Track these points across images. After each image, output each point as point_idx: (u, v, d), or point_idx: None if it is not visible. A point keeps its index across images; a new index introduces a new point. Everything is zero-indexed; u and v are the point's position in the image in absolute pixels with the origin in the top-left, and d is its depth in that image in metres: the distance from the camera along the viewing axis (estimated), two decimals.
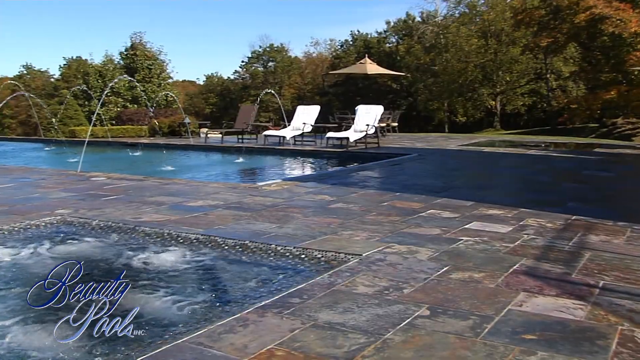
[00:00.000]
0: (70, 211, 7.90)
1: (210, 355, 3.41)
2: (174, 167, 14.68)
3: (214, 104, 68.83)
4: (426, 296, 4.35)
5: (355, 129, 17.85)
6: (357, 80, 51.40)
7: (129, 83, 31.72)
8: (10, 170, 13.38)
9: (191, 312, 4.49)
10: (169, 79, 37.06)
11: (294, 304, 4.20)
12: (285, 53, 67.80)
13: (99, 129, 25.04)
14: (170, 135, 24.25)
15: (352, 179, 11.17)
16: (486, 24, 46.91)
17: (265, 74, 66.93)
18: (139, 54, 34.29)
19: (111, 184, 10.45)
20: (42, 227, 7.25)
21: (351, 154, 16.32)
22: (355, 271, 5.00)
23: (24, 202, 8.74)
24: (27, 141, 28.36)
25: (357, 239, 6.16)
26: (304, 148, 18.21)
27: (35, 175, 12.02)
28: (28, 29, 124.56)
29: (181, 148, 20.41)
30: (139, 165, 16.67)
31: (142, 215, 7.52)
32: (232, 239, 6.18)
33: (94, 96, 29.32)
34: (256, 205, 8.17)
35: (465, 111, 50.04)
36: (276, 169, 15.52)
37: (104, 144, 22.54)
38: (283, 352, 3.42)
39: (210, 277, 5.40)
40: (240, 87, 67.88)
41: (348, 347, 3.47)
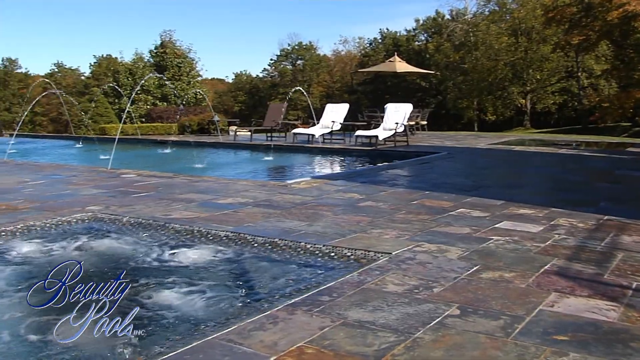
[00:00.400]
0: (101, 208, 7.97)
1: (240, 352, 3.42)
2: (204, 165, 14.75)
3: (242, 102, 69.06)
4: (456, 295, 4.33)
5: (384, 127, 17.81)
6: (385, 79, 51.31)
7: (159, 81, 31.90)
8: (41, 167, 13.52)
9: (221, 309, 4.50)
10: (198, 77, 37.25)
11: (324, 302, 4.20)
12: (314, 51, 67.86)
13: (128, 127, 25.23)
14: (200, 133, 24.37)
15: (381, 177, 11.16)
16: (516, 22, 46.53)
17: (293, 72, 67.03)
18: (169, 52, 34.48)
19: (141, 181, 10.53)
20: (74, 223, 7.32)
21: (380, 152, 16.29)
22: (385, 269, 4.99)
23: (55, 198, 8.83)
24: (58, 138, 28.65)
25: (386, 237, 6.15)
26: (332, 146, 18.21)
27: (66, 172, 12.15)
28: (59, 27, 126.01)
29: (210, 146, 20.51)
30: (168, 163, 16.78)
31: (172, 212, 7.56)
32: (261, 237, 6.20)
33: (124, 94, 29.53)
34: (285, 203, 8.19)
35: (494, 110, 49.70)
36: (305, 167, 15.54)
37: (133, 142, 22.70)
38: (313, 349, 3.42)
39: (239, 274, 5.42)
40: (269, 85, 68.05)
41: (378, 346, 3.47)
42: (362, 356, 3.33)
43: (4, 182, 10.67)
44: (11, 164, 14.24)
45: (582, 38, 37.37)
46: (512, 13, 48.03)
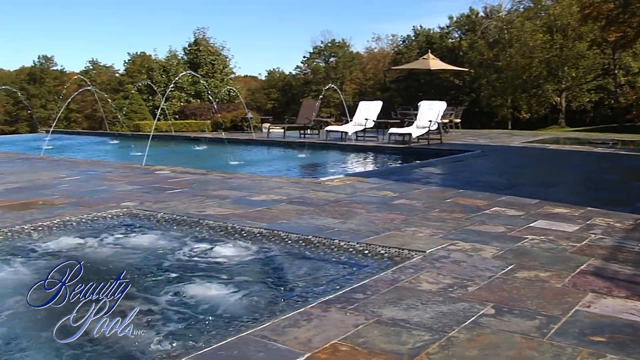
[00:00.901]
0: (135, 204, 8.04)
1: (274, 348, 3.43)
2: (237, 162, 14.81)
3: (275, 99, 69.21)
4: (491, 294, 4.30)
5: (417, 125, 17.75)
6: (419, 76, 51.14)
7: (192, 78, 32.09)
8: (77, 163, 13.68)
9: (255, 305, 4.52)
10: (232, 74, 37.39)
11: (358, 300, 4.20)
12: (347, 48, 67.77)
13: (162, 123, 25.40)
14: (233, 130, 24.45)
15: (414, 175, 11.12)
16: (552, 19, 46.05)
17: (326, 69, 67.01)
18: (202, 49, 34.64)
19: (175, 178, 10.60)
20: (109, 218, 7.40)
21: (413, 150, 16.23)
22: (419, 268, 4.97)
23: (90, 194, 8.93)
24: (92, 135, 28.96)
25: (420, 235, 6.13)
26: (366, 144, 18.20)
27: (101, 168, 12.27)
28: (94, 25, 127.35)
29: (243, 143, 20.59)
30: (202, 160, 16.87)
31: (206, 209, 7.61)
32: (295, 234, 6.21)
33: (158, 91, 29.72)
34: (319, 200, 8.20)
35: (529, 107, 49.25)
36: (338, 164, 15.54)
37: (167, 138, 22.87)
38: (347, 347, 3.43)
39: (273, 270, 5.44)
40: (301, 82, 68.12)
41: (412, 344, 3.46)
42: (397, 354, 3.33)
43: (40, 178, 10.81)
44: (47, 160, 14.42)
45: (620, 35, 36.87)
46: (547, 10, 47.54)
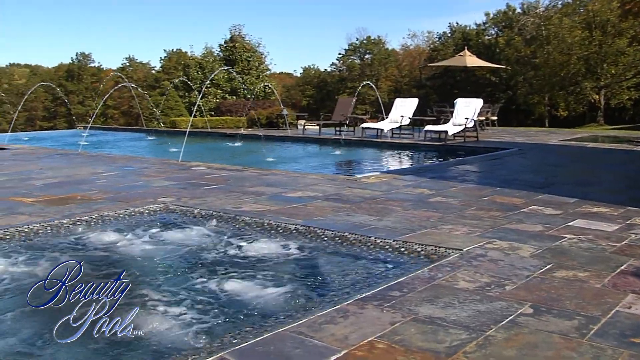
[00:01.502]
0: (172, 199, 8.11)
1: (311, 345, 3.44)
2: (273, 158, 14.85)
3: (310, 95, 69.22)
4: (529, 294, 4.27)
5: (453, 123, 17.63)
6: (455, 73, 50.73)
7: (228, 75, 32.21)
8: (114, 158, 13.82)
9: (291, 301, 4.53)
10: (267, 70, 37.45)
11: (395, 297, 4.19)
12: (382, 45, 67.53)
13: (198, 120, 25.54)
14: (268, 126, 24.51)
15: (450, 172, 11.06)
16: (591, 15, 45.38)
17: (362, 66, 66.86)
18: (238, 46, 34.74)
19: (211, 174, 10.66)
20: (146, 214, 7.47)
21: (449, 147, 16.14)
22: (455, 266, 4.95)
23: (128, 189, 9.02)
24: (129, 131, 29.23)
25: (457, 233, 6.10)
26: (401, 141, 18.13)
27: (138, 164, 12.39)
28: (131, 22, 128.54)
29: (279, 139, 20.63)
30: (237, 156, 16.95)
31: (242, 205, 7.64)
32: (331, 230, 6.21)
33: (194, 87, 29.89)
34: (355, 197, 8.19)
35: (566, 105, 48.59)
36: (374, 161, 15.51)
37: (203, 135, 22.98)
38: (384, 344, 3.42)
39: (309, 267, 5.45)
40: (336, 79, 68.02)
41: (449, 343, 3.44)
42: (434, 352, 3.31)
43: (78, 173, 10.94)
44: (85, 155, 14.59)
45: None
46: (586, 6, 46.83)
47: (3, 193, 8.69)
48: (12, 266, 5.44)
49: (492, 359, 3.25)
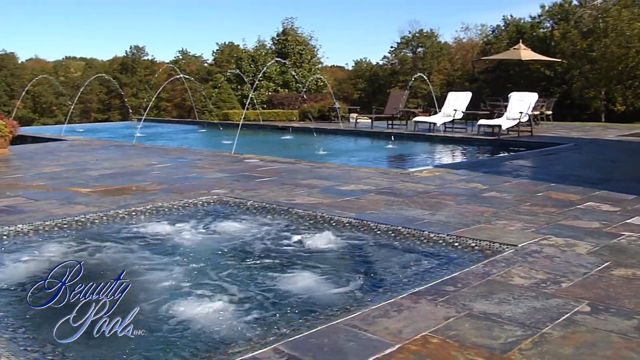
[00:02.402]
0: (225, 191, 8.17)
1: (364, 338, 3.44)
2: (325, 151, 14.86)
3: (362, 89, 69.04)
4: (586, 292, 4.20)
5: (507, 117, 17.40)
6: (508, 67, 50.13)
7: (280, 68, 32.29)
8: (168, 150, 13.99)
9: (344, 294, 4.54)
10: (319, 64, 37.40)
11: (448, 292, 4.17)
12: (435, 38, 67.02)
13: (250, 113, 25.65)
14: (320, 119, 24.51)
15: (504, 167, 10.93)
16: None
17: (414, 59, 66.46)
18: (290, 39, 34.75)
19: (264, 166, 10.72)
20: (200, 205, 7.55)
21: (503, 142, 15.94)
22: (510, 262, 4.90)
23: (182, 181, 9.13)
24: (182, 123, 29.53)
25: (511, 229, 6.03)
26: (454, 135, 17.98)
27: (191, 156, 12.52)
28: (184, 16, 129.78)
29: (331, 132, 20.64)
30: (290, 149, 17.00)
31: (295, 198, 7.67)
32: (384, 224, 6.20)
33: (246, 80, 30.03)
34: (408, 191, 8.15)
35: (624, 100, 47.61)
36: (426, 155, 15.41)
37: (255, 127, 23.10)
38: (438, 339, 3.40)
39: (362, 260, 5.44)
40: (388, 72, 67.74)
41: (504, 339, 3.41)
42: (488, 349, 3.29)
43: (133, 165, 11.10)
44: (139, 147, 14.79)
45: None
46: None
47: (61, 183, 8.87)
48: (69, 254, 5.55)
49: (548, 356, 3.21)
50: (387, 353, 3.24)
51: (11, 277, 4.96)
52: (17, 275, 4.99)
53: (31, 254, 5.53)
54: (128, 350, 3.65)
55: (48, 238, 6.07)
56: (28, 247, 5.75)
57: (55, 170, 10.24)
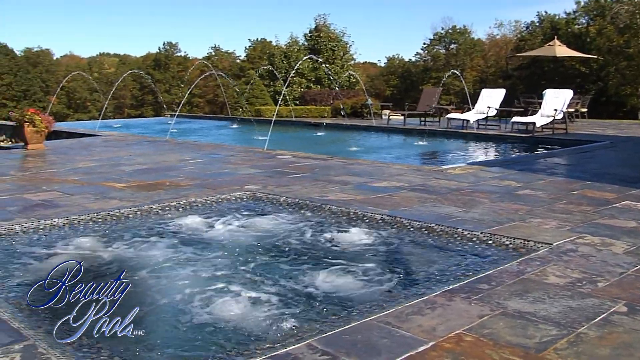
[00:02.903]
0: (258, 187, 8.20)
1: (398, 335, 3.43)
2: (357, 148, 14.84)
3: (394, 85, 68.87)
4: (623, 292, 4.14)
5: (542, 114, 17.22)
6: (542, 63, 49.66)
7: (313, 64, 32.29)
8: (200, 146, 14.06)
9: (377, 291, 4.53)
10: (352, 60, 37.34)
11: (482, 290, 4.14)
12: (468, 35, 66.58)
13: (283, 109, 25.68)
14: (352, 116, 24.48)
15: (538, 165, 10.82)
16: None
17: (446, 56, 66.10)
18: (323, 35, 34.72)
19: (297, 162, 10.73)
20: (233, 201, 7.58)
21: (537, 139, 15.79)
22: (545, 260, 4.85)
23: (215, 176, 9.18)
24: (214, 119, 29.68)
25: (546, 227, 5.97)
26: (487, 132, 17.84)
27: (224, 152, 12.57)
28: (217, 12, 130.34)
29: (363, 129, 20.60)
30: (322, 145, 16.99)
31: (327, 194, 7.67)
32: (417, 221, 6.18)
33: (279, 77, 30.08)
34: (441, 188, 8.11)
35: None
36: (459, 152, 15.31)
37: (287, 123, 23.13)
38: (472, 337, 3.38)
39: (395, 257, 5.43)
40: (421, 69, 67.45)
41: (539, 338, 3.38)
42: (523, 348, 3.26)
43: (166, 160, 11.18)
44: (172, 142, 14.89)
45: None
46: None
47: (95, 178, 8.96)
48: (104, 248, 5.61)
49: (584, 357, 3.18)
50: (420, 351, 3.23)
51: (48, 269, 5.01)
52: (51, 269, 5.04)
53: (66, 248, 5.59)
54: (160, 342, 3.68)
55: (83, 232, 6.13)
56: (63, 241, 5.81)
57: (90, 165, 10.35)
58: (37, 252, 5.47)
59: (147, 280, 4.77)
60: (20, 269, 5.01)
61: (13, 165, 10.75)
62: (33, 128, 12.73)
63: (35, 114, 12.82)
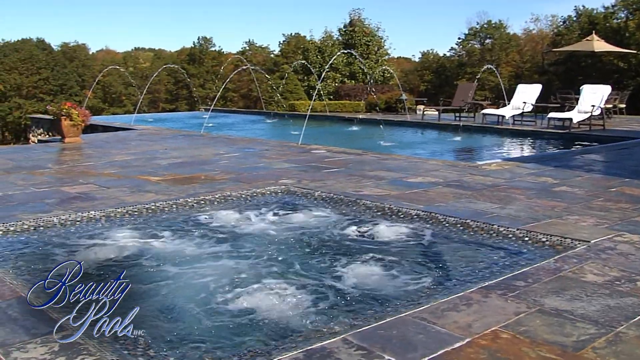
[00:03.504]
0: (293, 181, 8.21)
1: (433, 331, 3.41)
2: (391, 143, 14.78)
3: (429, 81, 68.54)
4: None
5: (579, 110, 17.02)
6: (579, 59, 49.06)
7: (347, 59, 32.21)
8: (235, 140, 14.11)
9: (412, 286, 4.51)
10: (386, 55, 37.17)
11: (519, 287, 4.11)
12: (504, 30, 65.98)
13: (317, 104, 25.65)
14: (387, 111, 24.40)
15: (575, 161, 10.70)
16: None
17: (481, 51, 65.59)
18: (357, 30, 34.60)
19: (331, 157, 10.72)
20: (268, 195, 7.60)
21: (574, 135, 15.59)
22: (583, 258, 4.79)
23: (249, 170, 9.20)
24: (248, 113, 29.76)
25: (583, 224, 5.90)
26: (523, 128, 17.67)
27: (259, 146, 12.60)
28: (251, 7, 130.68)
29: (397, 124, 20.52)
30: (356, 140, 16.97)
31: (362, 189, 7.66)
32: (453, 217, 6.14)
33: (313, 71, 30.07)
34: (476, 184, 8.06)
35: None
36: (495, 148, 15.19)
37: (322, 118, 23.12)
38: (508, 335, 3.36)
39: (430, 253, 5.40)
40: (455, 64, 67.03)
41: (577, 337, 3.34)
42: (561, 346, 3.22)
43: (201, 154, 11.24)
44: (207, 137, 14.98)
45: None
46: None
47: (131, 172, 9.04)
48: (140, 241, 5.65)
49: (623, 356, 3.14)
50: (456, 347, 3.21)
51: (85, 260, 5.07)
52: (90, 260, 5.10)
53: (104, 240, 5.65)
54: (195, 334, 3.70)
55: (119, 224, 6.19)
56: (100, 233, 5.88)
57: (126, 159, 10.45)
58: (75, 244, 5.53)
59: (182, 272, 4.80)
60: (59, 261, 5.06)
61: (51, 158, 10.89)
62: (70, 122, 12.87)
63: (72, 107, 12.96)
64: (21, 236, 5.73)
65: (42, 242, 5.59)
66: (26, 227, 5.90)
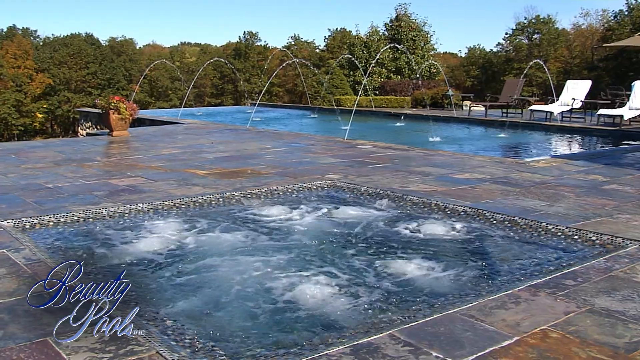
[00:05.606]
0: (339, 176, 8.21)
1: (481, 329, 3.38)
2: (438, 139, 14.70)
3: (475, 76, 68.00)
4: None
5: (630, 107, 16.71)
6: (630, 54, 48.19)
7: (393, 54, 32.10)
8: (281, 135, 14.16)
9: (459, 283, 4.48)
10: (433, 50, 36.95)
11: (568, 286, 4.05)
12: (552, 25, 65.07)
13: (362, 99, 25.64)
14: (433, 106, 24.29)
15: (627, 159, 10.51)
16: None
17: (529, 46, 64.81)
18: (404, 25, 34.45)
19: (377, 152, 10.70)
20: (314, 189, 7.61)
21: (625, 132, 15.33)
22: (634, 258, 4.71)
23: (295, 165, 9.22)
24: (294, 108, 29.82)
25: (635, 223, 5.79)
26: (572, 125, 17.41)
27: (304, 141, 12.62)
28: (297, 1, 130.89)
29: (444, 120, 20.38)
30: (402, 135, 16.90)
31: (409, 185, 7.62)
32: (500, 214, 6.08)
33: (359, 66, 30.03)
34: (524, 181, 7.97)
35: None
36: (543, 145, 14.98)
37: (367, 113, 23.09)
38: (557, 334, 3.31)
39: (478, 250, 5.35)
40: (502, 59, 66.35)
41: (629, 338, 3.28)
42: (612, 347, 3.17)
43: (247, 148, 11.30)
44: (253, 131, 15.04)
45: None
46: None
47: (178, 165, 9.13)
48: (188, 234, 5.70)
49: None
50: (505, 345, 3.18)
51: (133, 252, 5.14)
52: (139, 252, 5.16)
53: (151, 233, 5.71)
54: (241, 327, 3.72)
55: (167, 217, 6.25)
56: (148, 225, 5.94)
57: (173, 152, 10.55)
58: (123, 236, 5.60)
59: (229, 266, 4.83)
60: (108, 252, 5.14)
61: (99, 151, 11.05)
62: (118, 115, 13.03)
63: (120, 101, 13.12)
64: (71, 227, 5.82)
65: (91, 234, 5.67)
66: (76, 219, 6.00)
